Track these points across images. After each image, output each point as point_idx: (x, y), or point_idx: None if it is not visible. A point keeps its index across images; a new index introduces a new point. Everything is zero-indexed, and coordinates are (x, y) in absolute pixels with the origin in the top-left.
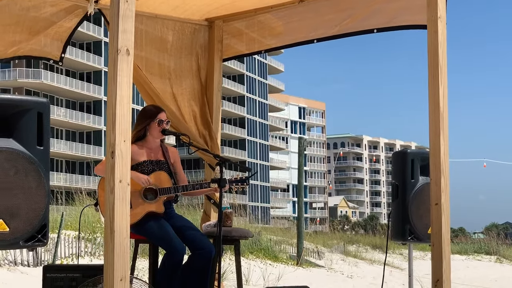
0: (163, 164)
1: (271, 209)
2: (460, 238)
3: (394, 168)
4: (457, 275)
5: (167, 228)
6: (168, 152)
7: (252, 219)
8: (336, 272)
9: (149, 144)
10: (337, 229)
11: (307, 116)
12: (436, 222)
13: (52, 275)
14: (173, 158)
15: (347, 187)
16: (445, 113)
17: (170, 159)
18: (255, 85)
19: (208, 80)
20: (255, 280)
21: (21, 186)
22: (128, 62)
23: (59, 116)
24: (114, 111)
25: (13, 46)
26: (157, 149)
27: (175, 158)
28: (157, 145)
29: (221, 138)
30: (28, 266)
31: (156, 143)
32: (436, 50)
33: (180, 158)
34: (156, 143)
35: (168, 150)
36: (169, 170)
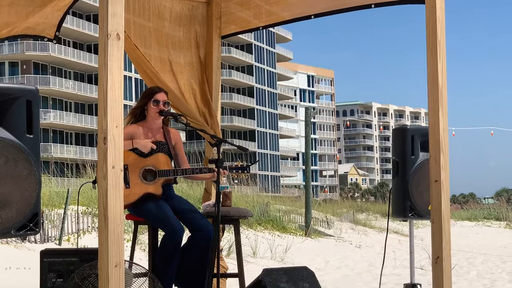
0: (163, 146)
1: (281, 178)
2: (470, 204)
3: (394, 145)
4: (466, 242)
5: (165, 209)
6: (170, 134)
7: (262, 188)
8: (345, 241)
9: (149, 125)
10: (347, 197)
11: (316, 84)
12: (436, 199)
13: (50, 260)
14: (174, 139)
15: (357, 155)
16: (444, 89)
17: (171, 140)
18: (263, 54)
19: (207, 57)
20: (263, 253)
21: (11, 175)
22: (118, 46)
23: (67, 88)
24: (105, 97)
25: (8, 27)
26: (158, 130)
27: (177, 140)
28: (157, 126)
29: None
30: (35, 243)
31: (157, 124)
32: (435, 25)
33: (181, 139)
34: (157, 124)
35: (169, 131)
36: (169, 152)
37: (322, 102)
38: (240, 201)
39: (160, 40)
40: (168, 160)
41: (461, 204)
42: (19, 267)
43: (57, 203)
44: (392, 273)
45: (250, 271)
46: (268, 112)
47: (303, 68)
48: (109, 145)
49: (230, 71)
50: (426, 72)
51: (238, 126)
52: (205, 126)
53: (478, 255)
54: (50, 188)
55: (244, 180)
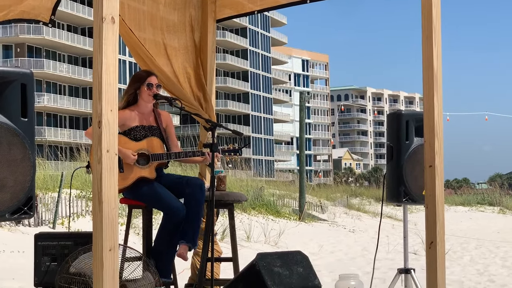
0: (155, 130)
1: (275, 162)
2: (464, 189)
3: (388, 130)
4: (459, 227)
5: (162, 190)
6: (161, 117)
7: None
8: (338, 226)
9: (141, 109)
10: (341, 181)
11: (310, 69)
12: (430, 184)
13: (44, 243)
14: (165, 122)
15: (351, 139)
16: (439, 74)
17: (162, 123)
18: (258, 38)
19: (202, 41)
20: (256, 237)
21: (6, 158)
22: (113, 30)
23: (61, 71)
24: (100, 80)
25: (2, 10)
26: (149, 114)
27: (168, 123)
28: (149, 110)
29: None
30: (29, 226)
31: (148, 108)
32: (430, 10)
33: (172, 122)
34: (148, 108)
35: (160, 114)
36: (161, 136)
37: (316, 87)
38: (234, 185)
39: (155, 24)
40: (161, 143)
41: (454, 189)
42: (13, 250)
43: (51, 187)
44: (386, 257)
45: (244, 255)
46: (262, 96)
47: (298, 52)
48: (103, 129)
49: (224, 55)
50: (422, 57)
51: (233, 110)
52: (200, 110)
53: (471, 240)
54: (44, 171)
55: (238, 164)
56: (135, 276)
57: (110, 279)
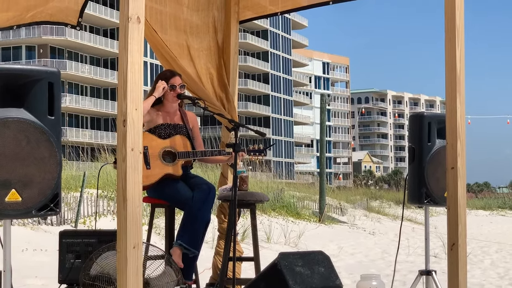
0: (181, 128)
1: (295, 164)
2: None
3: (410, 131)
4: (480, 231)
5: (185, 190)
6: (187, 117)
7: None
8: (358, 228)
9: (166, 108)
10: (361, 184)
11: (331, 71)
12: (452, 186)
13: (68, 241)
14: (191, 123)
15: (371, 142)
16: (461, 76)
17: (188, 123)
18: (279, 40)
19: (225, 42)
20: (276, 238)
21: (33, 156)
22: (139, 30)
23: (83, 72)
24: (125, 79)
25: (29, 11)
26: (175, 113)
27: (194, 123)
28: (174, 109)
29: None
30: (52, 225)
31: (173, 108)
32: (453, 12)
33: (198, 123)
34: (173, 108)
35: (186, 114)
36: (187, 134)
37: (337, 89)
38: (254, 186)
39: (178, 25)
40: (187, 142)
41: (475, 193)
42: (36, 248)
43: (73, 186)
44: (406, 260)
45: (264, 256)
46: (283, 98)
47: (319, 55)
48: (128, 128)
49: (245, 57)
50: (444, 61)
51: (253, 112)
52: (222, 110)
53: (492, 244)
54: (66, 171)
55: (258, 166)
56: (158, 274)
57: (134, 276)
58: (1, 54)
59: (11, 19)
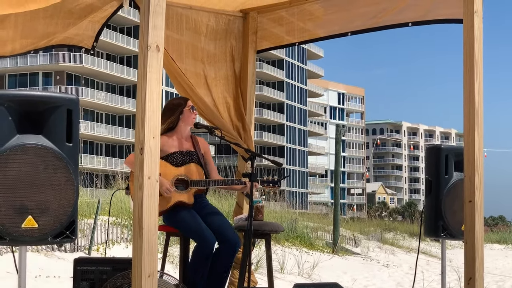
0: (193, 155)
1: (309, 195)
2: (500, 227)
3: (427, 163)
4: (495, 265)
5: (197, 219)
6: (199, 144)
7: (290, 204)
8: (372, 260)
9: (179, 135)
10: (375, 215)
11: (346, 102)
12: (470, 219)
13: (83, 268)
14: (203, 149)
15: (386, 173)
16: (480, 109)
17: (200, 150)
18: (295, 70)
19: (242, 71)
20: (290, 268)
21: (50, 182)
22: (158, 58)
23: (99, 99)
24: (143, 107)
25: (47, 37)
26: (188, 139)
27: (205, 149)
28: (187, 135)
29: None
30: (65, 252)
31: (187, 133)
32: (472, 45)
33: (209, 148)
34: (187, 133)
35: (198, 141)
36: (199, 162)
37: (352, 120)
38: (268, 216)
39: (196, 55)
40: (200, 170)
41: (490, 227)
42: (49, 275)
43: (87, 213)
44: None
45: (278, 286)
46: (297, 128)
47: (334, 85)
48: (145, 156)
49: (260, 86)
50: (460, 92)
51: (268, 142)
52: (239, 139)
53: (507, 279)
54: (81, 198)
55: (272, 195)
56: None
57: None
58: (19, 80)
59: (29, 45)
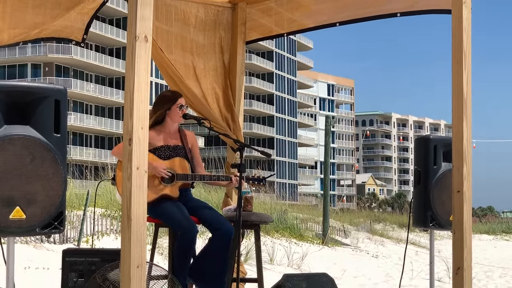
0: (180, 150)
1: (299, 186)
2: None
3: (416, 154)
4: (484, 255)
5: (179, 209)
6: (186, 137)
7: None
8: (361, 251)
9: (166, 129)
10: (364, 207)
11: (335, 93)
12: (458, 209)
13: (72, 259)
14: (190, 142)
15: (375, 165)
16: (468, 99)
17: (187, 144)
18: (284, 62)
19: (231, 62)
20: (279, 259)
21: (38, 173)
22: (146, 49)
23: (88, 91)
24: (132, 98)
25: (36, 28)
26: (175, 134)
27: (193, 142)
28: (175, 130)
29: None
30: (54, 243)
31: (174, 128)
32: (461, 35)
33: (197, 142)
34: (174, 128)
35: (186, 134)
36: (186, 156)
37: (341, 112)
38: (258, 208)
39: (185, 46)
40: (186, 164)
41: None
42: (38, 267)
43: (76, 205)
44: (410, 284)
45: (268, 278)
46: (287, 120)
47: (323, 77)
48: (134, 147)
49: (250, 78)
50: (449, 84)
51: (257, 133)
52: (228, 130)
53: (496, 269)
54: (70, 189)
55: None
56: None
57: None
58: (7, 72)
59: (17, 36)
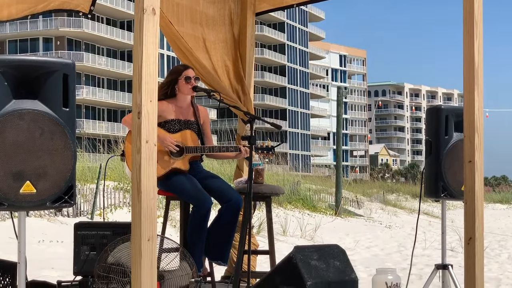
0: (192, 124)
1: (311, 157)
2: (502, 187)
3: (427, 124)
4: (498, 224)
5: (192, 181)
6: (199, 112)
7: (292, 167)
8: (374, 222)
9: (179, 103)
10: (377, 177)
11: (347, 64)
12: (469, 179)
13: (83, 233)
14: (203, 118)
15: (388, 135)
16: (480, 69)
17: (200, 118)
18: (296, 33)
19: (241, 34)
20: (292, 231)
21: (47, 147)
22: (154, 21)
23: (100, 65)
24: (140, 71)
25: (43, 1)
26: (188, 108)
27: (205, 118)
28: (187, 104)
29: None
30: (68, 217)
31: (187, 101)
32: (472, 4)
33: (209, 118)
34: (187, 101)
35: (199, 109)
36: (198, 131)
37: (354, 82)
38: (270, 179)
39: (194, 18)
40: (196, 137)
41: (493, 187)
42: (52, 240)
43: (89, 178)
44: (422, 254)
45: (280, 249)
46: (299, 91)
47: (335, 47)
48: (143, 120)
49: (262, 49)
50: (462, 53)
51: (270, 105)
52: (238, 103)
53: (509, 238)
54: (83, 163)
55: (275, 158)
56: (173, 267)
57: (148, 269)
58: (19, 46)
59: (26, 10)
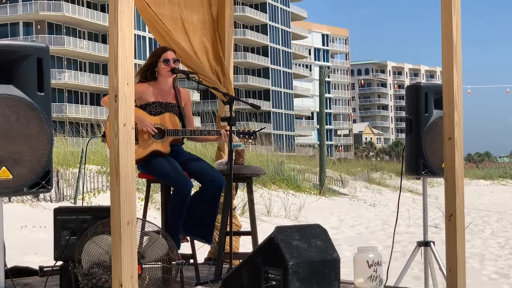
0: (173, 107)
1: (295, 137)
2: (486, 163)
3: (407, 102)
4: (481, 200)
5: (173, 164)
6: (180, 94)
7: (276, 148)
8: (359, 200)
9: (160, 85)
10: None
11: (330, 43)
12: (450, 156)
13: (63, 217)
14: (184, 100)
15: (372, 114)
16: (458, 45)
17: (181, 101)
18: (278, 13)
19: (219, 15)
20: (277, 211)
21: (23, 132)
22: (129, 3)
23: (82, 48)
24: (116, 54)
25: None
26: (169, 91)
27: (186, 101)
28: (169, 86)
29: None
30: (51, 202)
31: (168, 84)
32: None
33: (191, 101)
34: (168, 84)
35: (180, 92)
36: (179, 113)
37: (336, 61)
38: (254, 160)
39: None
40: (177, 120)
41: (476, 163)
42: (35, 225)
43: (72, 163)
44: (406, 231)
45: (264, 230)
46: (282, 71)
47: (318, 27)
48: (120, 103)
49: (244, 30)
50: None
51: (253, 86)
52: (218, 84)
53: (493, 214)
54: (65, 147)
55: (259, 139)
56: (154, 250)
57: (128, 252)
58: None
59: None
